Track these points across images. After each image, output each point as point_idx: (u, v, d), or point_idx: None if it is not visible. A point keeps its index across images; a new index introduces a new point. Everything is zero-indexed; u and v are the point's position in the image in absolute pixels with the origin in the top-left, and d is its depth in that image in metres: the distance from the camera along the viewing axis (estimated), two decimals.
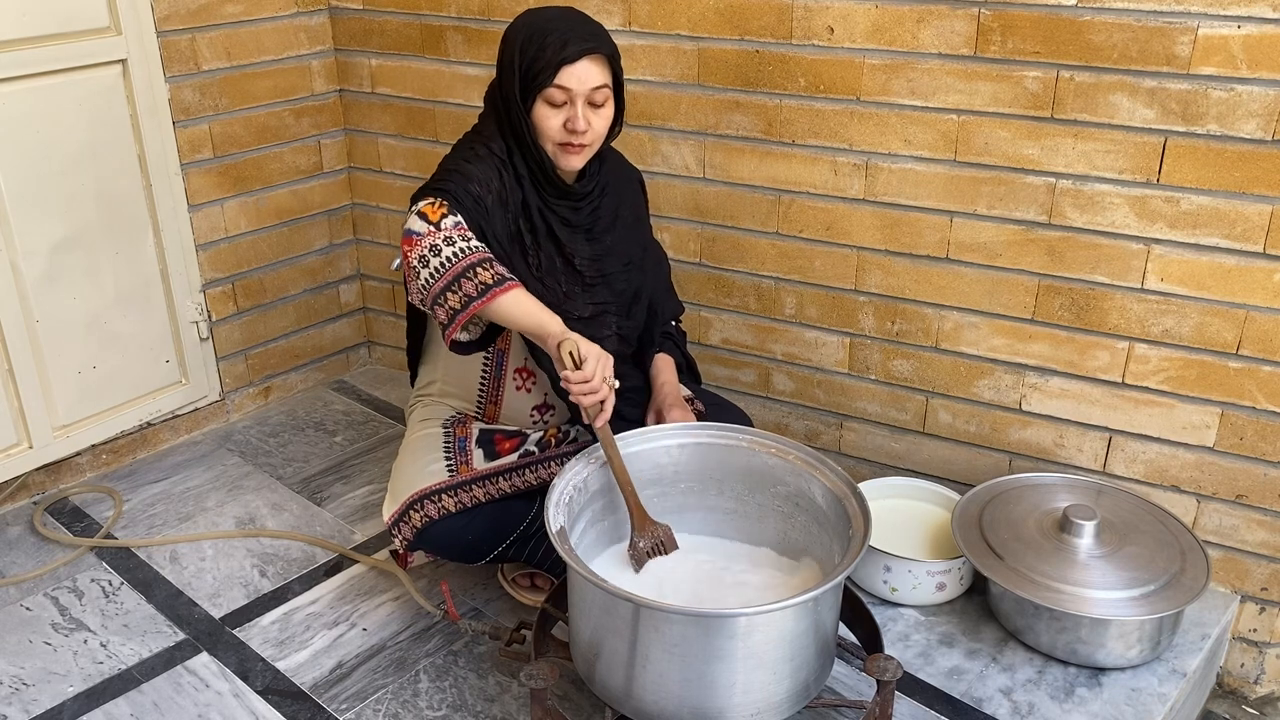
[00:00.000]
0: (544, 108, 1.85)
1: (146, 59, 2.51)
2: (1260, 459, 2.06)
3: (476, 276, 1.77)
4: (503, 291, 1.77)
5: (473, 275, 1.77)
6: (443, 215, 1.82)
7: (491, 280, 1.77)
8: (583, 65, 1.82)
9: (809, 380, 2.50)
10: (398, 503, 1.97)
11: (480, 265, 1.78)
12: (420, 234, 1.81)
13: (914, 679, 1.97)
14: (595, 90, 1.84)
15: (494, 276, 1.78)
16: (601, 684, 1.70)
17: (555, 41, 1.81)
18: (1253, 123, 1.87)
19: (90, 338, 2.54)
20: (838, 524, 1.78)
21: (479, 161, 1.89)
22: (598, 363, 1.76)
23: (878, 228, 2.28)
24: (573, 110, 1.84)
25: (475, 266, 1.78)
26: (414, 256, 1.81)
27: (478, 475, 1.97)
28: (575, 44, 1.81)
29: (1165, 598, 1.93)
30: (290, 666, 2.02)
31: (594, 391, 1.76)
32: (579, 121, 1.84)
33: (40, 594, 2.23)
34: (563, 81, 1.82)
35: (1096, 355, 2.15)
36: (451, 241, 1.79)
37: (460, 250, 1.79)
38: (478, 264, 1.78)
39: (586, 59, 1.82)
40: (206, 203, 2.73)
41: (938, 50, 2.09)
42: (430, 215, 1.81)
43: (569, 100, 1.84)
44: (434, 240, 1.79)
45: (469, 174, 1.87)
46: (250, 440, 2.83)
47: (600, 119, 1.88)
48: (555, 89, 1.82)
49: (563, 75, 1.81)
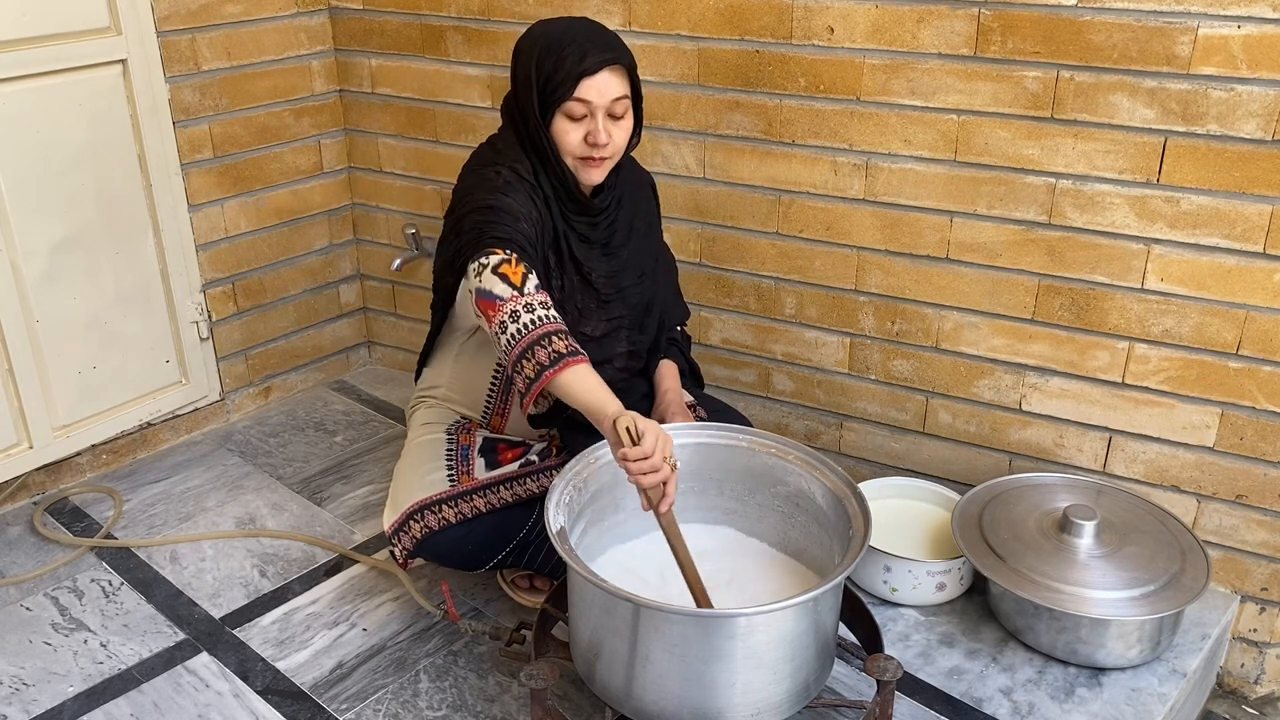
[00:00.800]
0: (564, 121, 1.81)
1: (146, 59, 2.51)
2: (1260, 459, 2.06)
3: (550, 345, 1.69)
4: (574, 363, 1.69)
5: (548, 344, 1.69)
6: (524, 276, 1.73)
7: (566, 351, 1.69)
8: (602, 77, 1.79)
9: (809, 380, 2.50)
10: (398, 512, 1.96)
11: (556, 336, 1.70)
12: (503, 299, 1.72)
13: (914, 679, 1.97)
14: (615, 102, 1.81)
15: (568, 349, 1.69)
16: (601, 684, 1.70)
17: (573, 54, 1.77)
18: (1253, 123, 1.87)
19: (90, 338, 2.54)
20: (838, 524, 1.78)
21: (515, 192, 1.82)
22: (657, 440, 1.63)
23: (878, 228, 2.28)
24: (593, 123, 1.80)
25: (551, 335, 1.69)
26: (496, 321, 1.73)
27: (478, 485, 1.96)
28: (594, 55, 1.78)
29: (1165, 598, 1.93)
30: (290, 666, 2.02)
31: (655, 470, 1.63)
32: (600, 134, 1.80)
33: (40, 594, 2.23)
34: (583, 94, 1.78)
35: (1096, 355, 2.15)
36: (531, 309, 1.71)
37: (540, 319, 1.71)
38: (553, 333, 1.70)
39: (606, 70, 1.79)
40: (206, 203, 2.73)
41: (938, 50, 2.09)
42: (513, 278, 1.73)
43: (589, 113, 1.80)
44: (515, 307, 1.71)
45: (513, 211, 1.80)
46: (250, 440, 2.83)
47: (621, 131, 1.85)
48: (575, 102, 1.79)
49: (582, 88, 1.78)
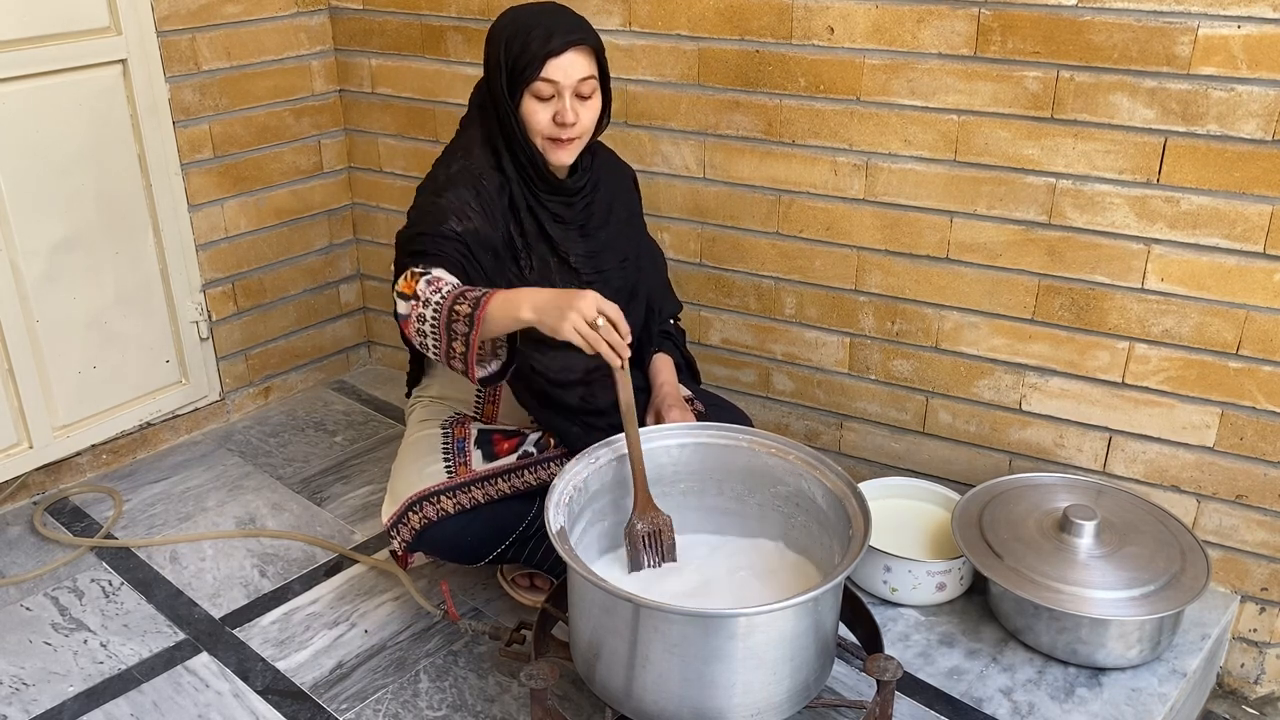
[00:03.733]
0: (532, 102, 1.85)
1: (146, 59, 2.51)
2: (1260, 459, 2.06)
3: (459, 315, 1.71)
4: (483, 310, 1.71)
5: (456, 316, 1.72)
6: (416, 282, 1.77)
7: (470, 308, 1.71)
8: (568, 57, 1.82)
9: (809, 380, 2.50)
10: (396, 504, 1.97)
11: (456, 303, 1.72)
12: (407, 315, 1.76)
13: (914, 679, 1.97)
14: (582, 81, 1.85)
15: (470, 304, 1.72)
16: (601, 684, 1.70)
17: (540, 35, 1.81)
18: (1253, 123, 1.87)
19: (90, 338, 2.54)
20: (838, 524, 1.78)
21: (451, 186, 1.86)
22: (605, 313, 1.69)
23: (878, 228, 2.28)
24: (560, 103, 1.84)
25: (452, 307, 1.72)
26: (414, 335, 1.77)
27: (476, 476, 1.96)
28: (560, 36, 1.82)
29: (1165, 598, 1.93)
30: (290, 666, 2.02)
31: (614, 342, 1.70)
32: (567, 114, 1.84)
33: (40, 594, 2.23)
34: (549, 74, 1.82)
35: (1096, 355, 2.15)
36: (428, 302, 1.74)
37: (437, 305, 1.73)
38: (453, 303, 1.72)
39: (572, 50, 1.82)
40: (206, 203, 2.73)
41: (938, 50, 2.09)
42: (407, 291, 1.77)
43: (556, 93, 1.84)
44: (419, 310, 1.75)
45: (441, 210, 1.83)
46: (250, 440, 2.83)
47: (588, 111, 1.88)
48: (542, 82, 1.82)
49: (549, 68, 1.81)
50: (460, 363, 1.74)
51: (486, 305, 1.71)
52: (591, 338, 1.68)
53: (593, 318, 1.68)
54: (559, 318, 1.67)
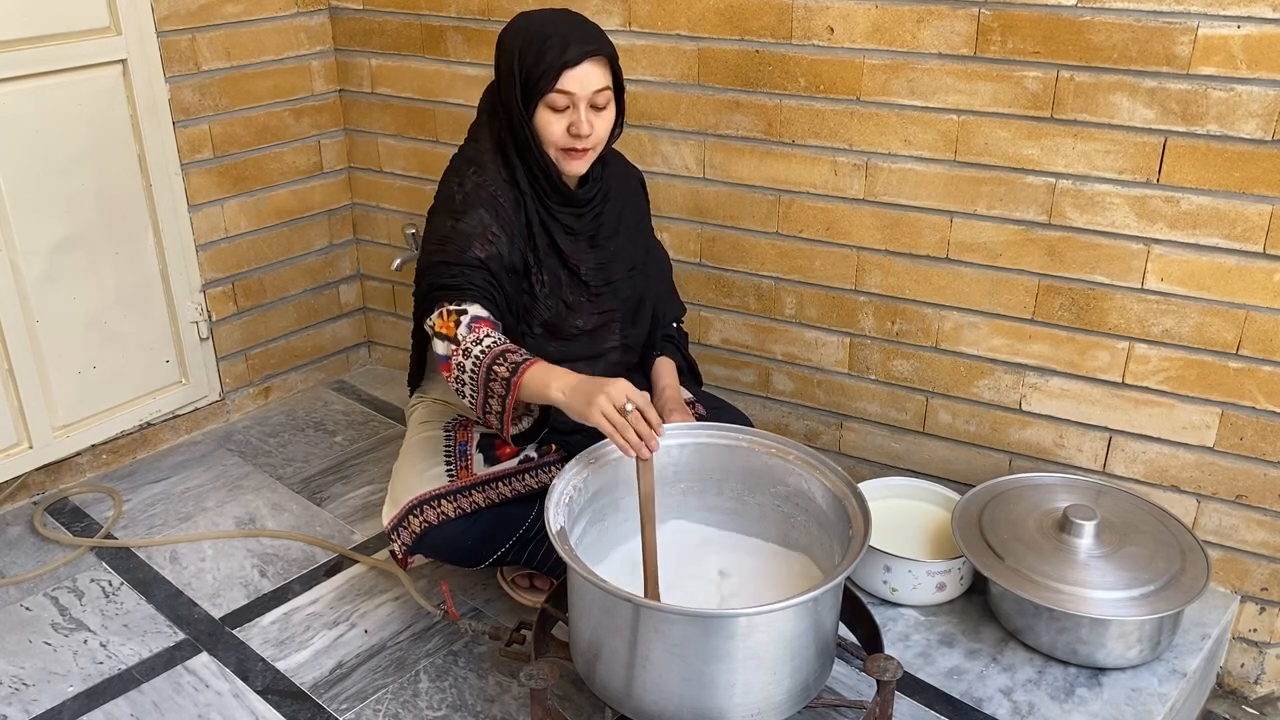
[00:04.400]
0: (546, 113, 1.82)
1: (146, 59, 2.51)
2: (1260, 459, 2.06)
3: (496, 375, 1.72)
4: (520, 377, 1.71)
5: (494, 375, 1.72)
6: (456, 323, 1.77)
7: (509, 373, 1.71)
8: (584, 68, 1.80)
9: (809, 380, 2.50)
10: (397, 507, 1.96)
11: (495, 363, 1.72)
12: (447, 358, 1.77)
13: (914, 679, 1.97)
14: (597, 93, 1.82)
15: (509, 368, 1.72)
16: (601, 684, 1.70)
17: (555, 45, 1.78)
18: (1253, 123, 1.87)
19: (90, 338, 2.54)
20: (838, 524, 1.78)
21: (469, 207, 1.84)
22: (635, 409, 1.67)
23: (878, 228, 2.28)
24: (575, 114, 1.82)
25: (491, 366, 1.72)
26: (451, 381, 1.79)
27: (477, 480, 1.96)
28: (576, 47, 1.79)
29: (1165, 598, 1.93)
30: (290, 666, 2.02)
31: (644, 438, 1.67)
32: (582, 125, 1.81)
33: (40, 594, 2.23)
34: (565, 86, 1.79)
35: (1096, 355, 2.15)
36: (469, 353, 1.75)
37: (476, 359, 1.74)
38: (492, 362, 1.73)
39: (588, 61, 1.80)
40: (206, 203, 2.73)
41: (938, 50, 2.09)
42: (447, 332, 1.77)
43: (571, 104, 1.81)
44: (458, 359, 1.76)
45: (465, 237, 1.82)
46: (250, 440, 2.83)
47: (603, 121, 1.86)
48: (558, 94, 1.80)
49: (565, 79, 1.79)
50: (496, 420, 1.76)
51: (523, 374, 1.71)
52: (620, 424, 1.66)
53: (621, 404, 1.66)
54: (586, 403, 1.66)
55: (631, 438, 1.66)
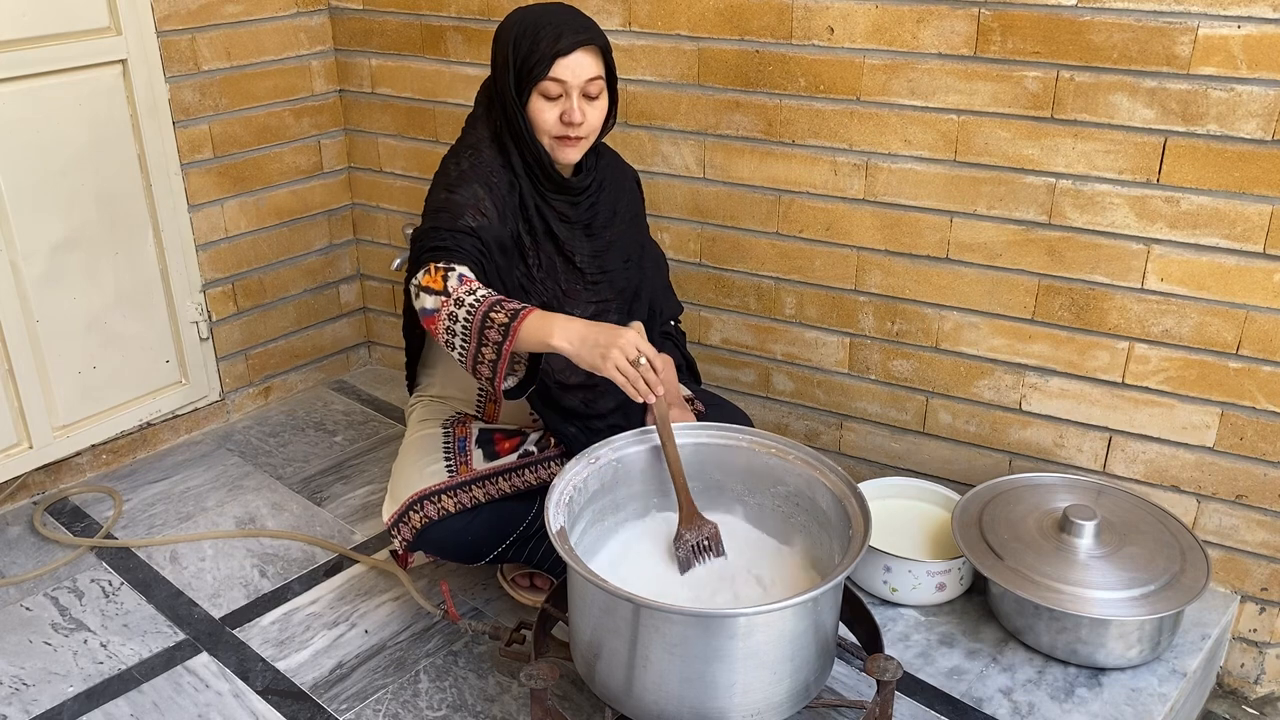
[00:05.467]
0: (539, 101, 1.85)
1: (146, 59, 2.51)
2: (1260, 459, 2.06)
3: (493, 321, 1.72)
4: (520, 322, 1.72)
5: (490, 322, 1.72)
6: (444, 277, 1.77)
7: (507, 319, 1.72)
8: (576, 57, 1.83)
9: (809, 380, 2.50)
10: (397, 503, 1.97)
11: (492, 309, 1.73)
12: (435, 310, 1.77)
13: (914, 679, 1.97)
14: (590, 81, 1.85)
15: (507, 315, 1.73)
16: (601, 684, 1.70)
17: (548, 35, 1.82)
18: (1253, 123, 1.87)
19: (90, 338, 2.54)
20: (838, 524, 1.78)
21: (464, 182, 1.86)
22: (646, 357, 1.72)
23: (878, 228, 2.28)
24: (568, 102, 1.85)
25: (488, 313, 1.73)
26: (440, 333, 1.78)
27: (477, 476, 1.97)
28: (569, 36, 1.82)
29: (1165, 598, 1.93)
30: (290, 666, 2.02)
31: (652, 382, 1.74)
32: (575, 113, 1.84)
33: (40, 594, 2.23)
34: (557, 74, 1.82)
35: (1096, 355, 2.15)
36: (461, 302, 1.75)
37: (471, 306, 1.74)
38: (489, 309, 1.73)
39: (580, 50, 1.83)
40: (206, 203, 2.73)
41: (938, 50, 2.09)
42: (434, 285, 1.77)
43: (564, 93, 1.84)
44: (449, 308, 1.75)
45: (457, 206, 1.84)
46: (250, 440, 2.83)
47: (595, 110, 1.89)
48: (550, 81, 1.83)
49: (557, 68, 1.82)
50: (488, 369, 1.75)
51: (524, 319, 1.71)
52: (632, 375, 1.70)
53: (634, 356, 1.70)
54: (600, 355, 1.69)
55: (643, 387, 1.72)
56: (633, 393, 1.73)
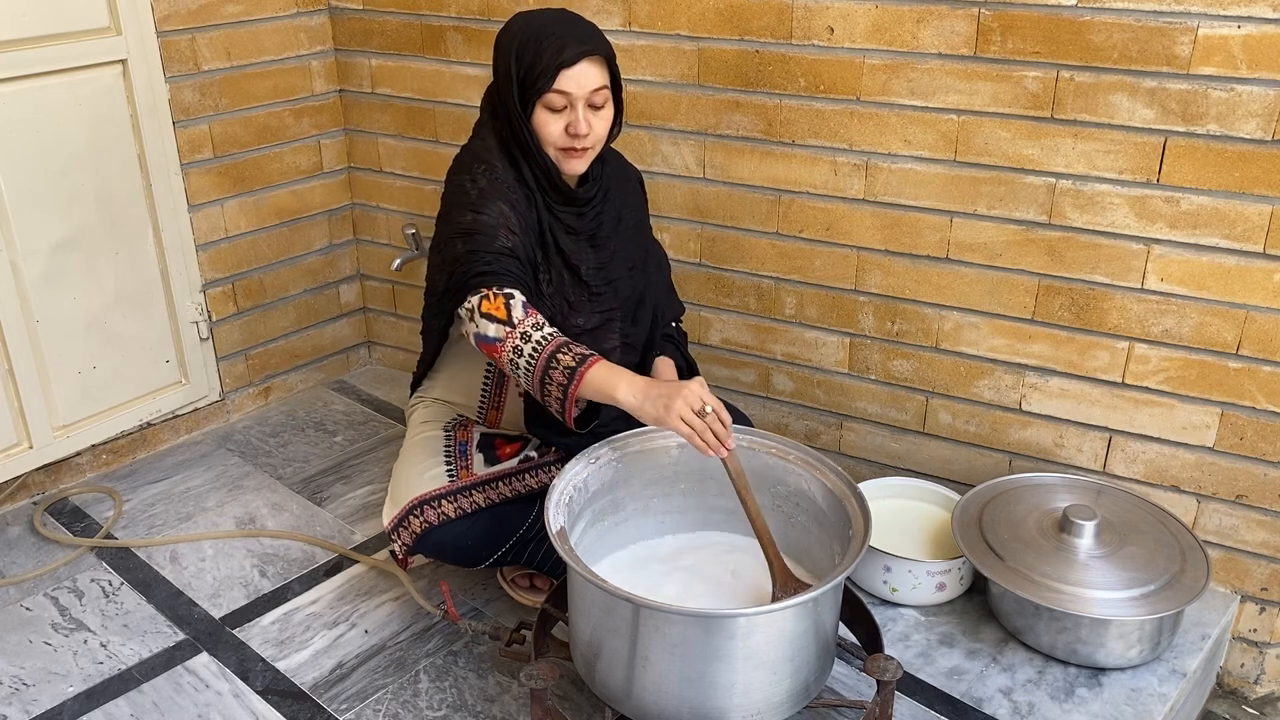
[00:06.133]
0: (544, 113, 1.82)
1: (146, 59, 2.51)
2: (1260, 459, 2.06)
3: (559, 364, 1.72)
4: (587, 369, 1.71)
5: (556, 363, 1.72)
6: (506, 305, 1.76)
7: (575, 363, 1.72)
8: (581, 68, 1.80)
9: (809, 380, 2.50)
10: (398, 507, 1.96)
11: (559, 351, 1.73)
12: (500, 340, 1.76)
13: (914, 679, 1.97)
14: (595, 92, 1.82)
15: (575, 359, 1.72)
16: (601, 684, 1.70)
17: (552, 46, 1.78)
18: (1253, 123, 1.87)
19: (90, 338, 2.54)
20: (838, 524, 1.78)
21: (487, 201, 1.84)
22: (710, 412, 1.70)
23: (878, 228, 2.28)
24: (573, 114, 1.82)
25: (555, 354, 1.73)
26: (504, 364, 1.77)
27: (478, 480, 1.96)
28: (573, 47, 1.79)
29: (1165, 598, 1.93)
30: (290, 666, 2.02)
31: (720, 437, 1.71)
32: (580, 125, 1.81)
33: (40, 594, 2.23)
34: (562, 86, 1.79)
35: (1096, 355, 2.15)
36: (528, 337, 1.74)
37: (538, 343, 1.74)
38: (556, 350, 1.73)
39: (585, 61, 1.80)
40: (206, 203, 2.73)
41: (938, 50, 2.09)
42: (498, 314, 1.76)
43: (569, 104, 1.81)
44: (515, 341, 1.75)
45: (490, 228, 1.81)
46: (250, 440, 2.83)
47: (601, 121, 1.86)
48: (555, 94, 1.80)
49: (562, 79, 1.79)
50: (555, 404, 1.76)
51: (589, 369, 1.72)
52: (699, 427, 1.69)
53: (699, 408, 1.69)
54: (664, 409, 1.69)
55: (710, 440, 1.70)
56: (701, 446, 1.70)
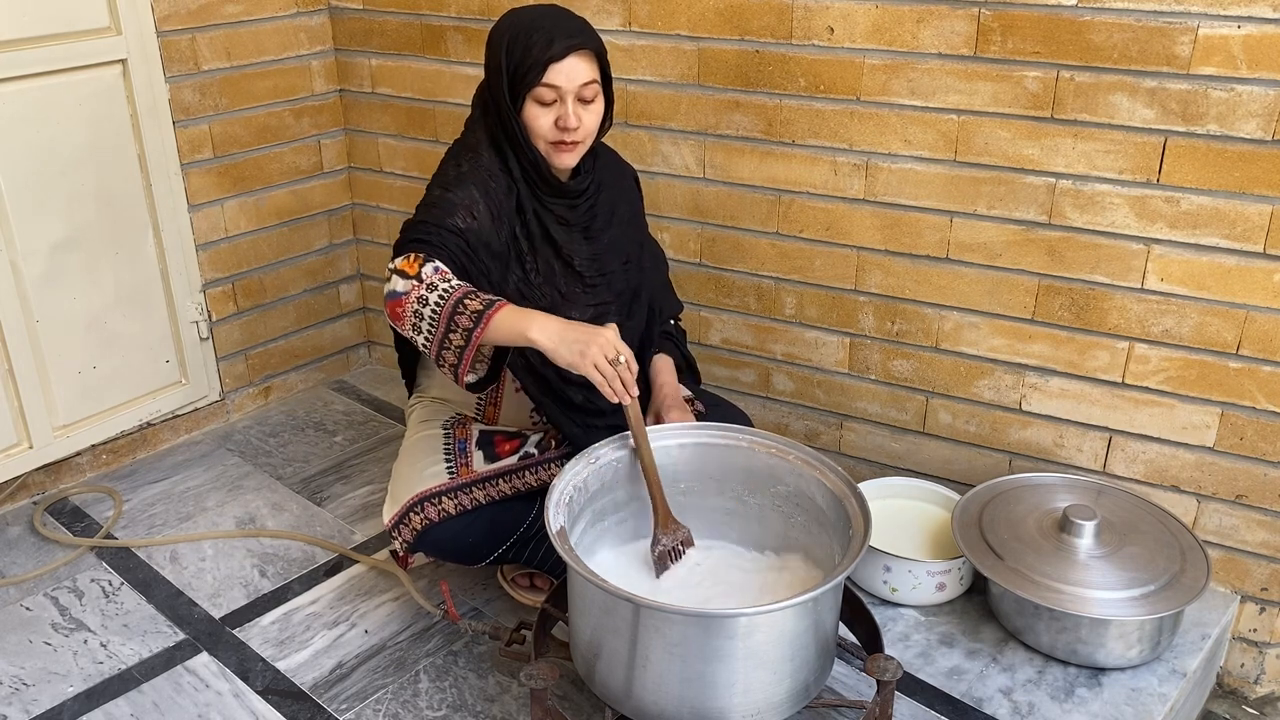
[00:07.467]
0: (534, 107, 1.84)
1: (146, 59, 2.51)
2: (1260, 459, 2.06)
3: (466, 308, 1.72)
4: (495, 312, 1.71)
5: (463, 308, 1.72)
6: (420, 265, 1.76)
7: (482, 306, 1.72)
8: (570, 62, 1.81)
9: (809, 380, 2.50)
10: (398, 505, 1.97)
11: (467, 296, 1.73)
12: (405, 293, 1.75)
13: (914, 679, 1.97)
14: (584, 86, 1.84)
15: (483, 303, 1.72)
16: (601, 684, 1.70)
17: (541, 40, 1.80)
18: (1253, 123, 1.87)
19: (90, 338, 2.54)
20: (838, 524, 1.78)
21: (461, 183, 1.86)
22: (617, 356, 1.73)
23: (878, 228, 2.28)
24: (563, 108, 1.83)
25: (462, 299, 1.72)
26: (406, 315, 1.76)
27: (477, 478, 1.96)
28: (561, 41, 1.81)
29: (1165, 598, 1.93)
30: (290, 666, 2.02)
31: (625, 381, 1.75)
32: (570, 119, 1.83)
33: (40, 594, 2.23)
34: (551, 80, 1.81)
35: (1096, 355, 2.15)
36: (434, 287, 1.74)
37: (444, 291, 1.73)
38: (464, 295, 1.73)
39: (573, 55, 1.82)
40: (206, 203, 2.73)
41: (938, 50, 2.09)
42: (409, 270, 1.76)
43: (559, 98, 1.83)
44: (420, 292, 1.74)
45: (450, 205, 1.83)
46: (250, 440, 2.83)
47: (591, 115, 1.87)
48: (544, 88, 1.82)
49: (551, 73, 1.81)
50: (454, 356, 1.75)
51: (499, 309, 1.72)
52: (609, 375, 1.71)
53: (613, 356, 1.71)
54: (578, 353, 1.70)
55: (619, 387, 1.73)
56: (609, 392, 1.73)
